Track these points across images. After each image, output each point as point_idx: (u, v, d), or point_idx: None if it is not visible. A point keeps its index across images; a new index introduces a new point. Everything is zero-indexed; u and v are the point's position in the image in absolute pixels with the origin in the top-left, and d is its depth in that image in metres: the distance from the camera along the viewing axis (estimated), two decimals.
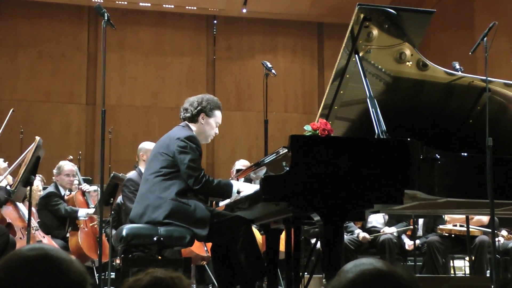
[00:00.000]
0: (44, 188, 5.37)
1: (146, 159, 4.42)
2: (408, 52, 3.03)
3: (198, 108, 3.17)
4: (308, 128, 2.60)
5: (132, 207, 3.25)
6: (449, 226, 5.01)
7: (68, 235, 4.82)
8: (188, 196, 3.02)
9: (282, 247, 3.61)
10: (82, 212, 4.81)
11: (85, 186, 5.06)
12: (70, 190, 5.10)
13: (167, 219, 2.99)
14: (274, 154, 2.76)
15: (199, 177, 2.96)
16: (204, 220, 2.98)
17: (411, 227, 5.22)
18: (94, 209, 4.83)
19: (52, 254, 0.91)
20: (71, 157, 5.17)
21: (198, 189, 2.96)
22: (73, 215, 4.79)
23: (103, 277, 4.14)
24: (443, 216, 5.22)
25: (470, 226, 4.75)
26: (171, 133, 3.19)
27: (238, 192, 3.03)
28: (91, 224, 4.87)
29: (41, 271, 0.89)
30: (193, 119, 3.19)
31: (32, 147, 3.90)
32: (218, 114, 3.22)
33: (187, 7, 9.71)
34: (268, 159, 2.91)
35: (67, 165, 5.00)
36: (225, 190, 3.01)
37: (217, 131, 3.26)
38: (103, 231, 4.17)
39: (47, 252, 0.91)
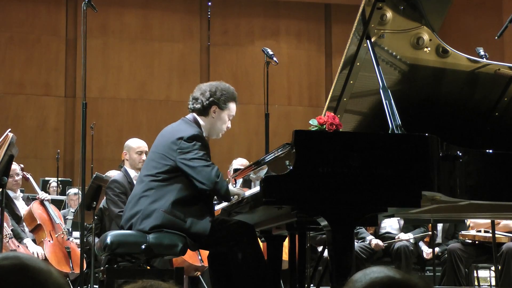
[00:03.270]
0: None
1: (129, 159, 4.43)
2: (426, 37, 3.03)
3: (211, 99, 3.12)
4: (314, 122, 2.61)
5: (123, 212, 3.26)
6: (472, 232, 5.03)
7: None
8: (186, 209, 3.00)
9: (285, 255, 3.62)
10: None
11: (43, 195, 5.08)
12: (34, 198, 5.11)
13: (154, 230, 2.99)
14: (276, 151, 2.77)
15: (216, 168, 2.95)
16: (200, 235, 2.98)
17: (430, 233, 5.24)
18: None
19: (29, 264, 0.92)
20: (22, 165, 5.17)
21: (216, 184, 2.92)
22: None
23: None
24: (465, 221, 5.24)
25: (496, 232, 4.76)
26: (174, 129, 3.13)
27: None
28: (56, 235, 4.89)
29: (16, 283, 0.90)
30: (204, 111, 3.13)
31: (3, 145, 3.90)
32: (232, 106, 3.18)
33: None
34: (269, 158, 2.92)
35: None
36: (228, 194, 3.03)
37: (229, 125, 3.22)
38: (84, 239, 4.19)
39: (23, 262, 0.92)
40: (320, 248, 5.07)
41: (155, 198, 3.00)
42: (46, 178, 7.90)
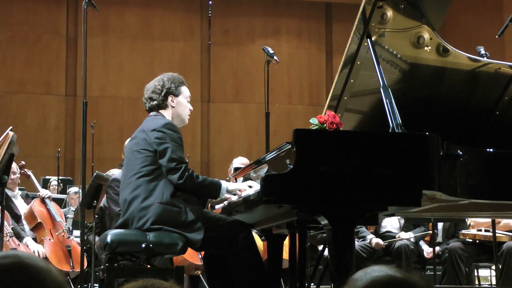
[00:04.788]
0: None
1: None
2: (427, 35, 3.03)
3: (164, 91, 3.14)
4: (314, 121, 2.61)
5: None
6: (472, 231, 5.03)
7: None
8: (178, 196, 2.99)
9: (285, 254, 3.61)
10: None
11: (44, 192, 5.07)
12: (34, 196, 5.11)
13: (155, 225, 2.98)
14: (276, 150, 2.77)
15: (181, 170, 2.93)
16: (197, 222, 2.96)
17: (430, 232, 5.24)
18: None
19: (28, 262, 0.92)
20: (23, 162, 5.17)
21: (180, 184, 2.94)
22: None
23: None
24: (466, 220, 5.23)
25: (497, 231, 4.76)
26: (144, 126, 3.12)
27: (230, 193, 3.03)
28: (57, 233, 4.89)
29: (15, 282, 0.90)
30: (162, 105, 3.14)
31: (4, 143, 3.90)
32: (185, 90, 3.21)
33: None
34: (269, 157, 2.91)
35: None
36: (211, 189, 2.99)
37: (191, 107, 3.23)
38: (84, 238, 4.19)
39: (22, 260, 0.92)
40: (320, 247, 5.07)
41: (147, 194, 2.97)
42: (47, 177, 7.90)
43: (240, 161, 5.01)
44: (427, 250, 5.26)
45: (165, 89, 3.14)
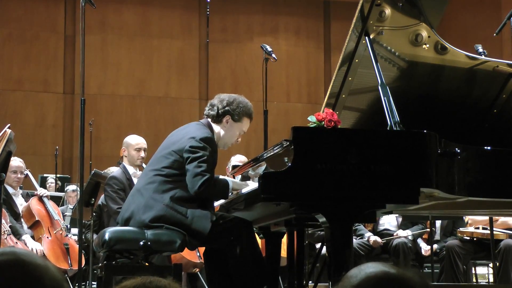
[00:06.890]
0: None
1: (128, 156, 4.43)
2: (425, 33, 3.03)
3: (226, 108, 3.15)
4: (312, 119, 2.61)
5: (122, 206, 3.25)
6: (470, 229, 5.03)
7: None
8: (188, 205, 2.99)
9: (283, 252, 3.62)
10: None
11: (42, 191, 5.07)
12: (33, 195, 5.11)
13: (155, 223, 2.98)
14: (275, 148, 2.77)
15: (204, 179, 2.92)
16: (200, 233, 2.97)
17: (428, 230, 5.24)
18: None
19: (25, 259, 0.92)
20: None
21: (198, 193, 2.94)
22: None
23: (83, 287, 4.16)
24: (463, 218, 5.24)
25: (495, 229, 4.76)
26: (187, 129, 3.14)
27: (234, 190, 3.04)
28: (55, 232, 4.88)
29: (12, 279, 0.89)
30: (217, 118, 3.16)
31: (1, 141, 3.89)
32: (246, 122, 3.21)
33: None
34: (267, 154, 2.92)
35: (14, 161, 4.97)
36: (221, 192, 3.02)
37: (239, 140, 3.24)
38: (82, 236, 4.18)
39: (19, 257, 0.92)
40: (318, 245, 5.08)
41: (156, 191, 3.00)
42: (45, 175, 7.89)
43: (238, 159, 5.00)
44: (425, 248, 5.27)
45: (230, 107, 3.15)
